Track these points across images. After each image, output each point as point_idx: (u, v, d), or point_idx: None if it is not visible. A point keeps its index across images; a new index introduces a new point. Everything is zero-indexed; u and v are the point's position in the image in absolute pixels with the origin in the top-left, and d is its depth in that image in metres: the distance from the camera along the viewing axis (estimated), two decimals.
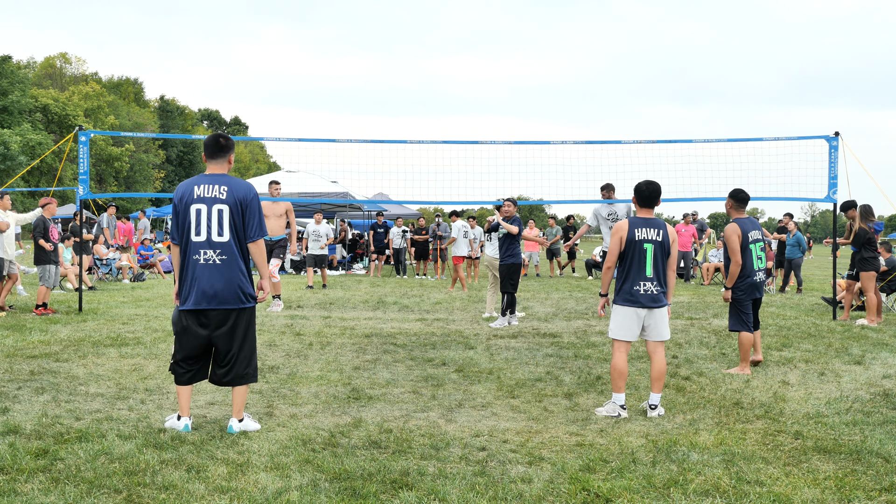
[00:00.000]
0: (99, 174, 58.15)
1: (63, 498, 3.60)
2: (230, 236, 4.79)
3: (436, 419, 5.19)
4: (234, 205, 4.80)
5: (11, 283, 10.93)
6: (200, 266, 4.76)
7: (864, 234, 10.33)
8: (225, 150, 4.95)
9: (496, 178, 12.49)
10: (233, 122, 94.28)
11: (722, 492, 3.83)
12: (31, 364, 6.79)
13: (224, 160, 4.95)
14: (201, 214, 4.77)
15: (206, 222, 4.76)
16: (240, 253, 4.84)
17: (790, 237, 16.09)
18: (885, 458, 4.39)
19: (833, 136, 10.82)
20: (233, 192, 4.81)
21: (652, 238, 5.39)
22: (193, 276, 4.79)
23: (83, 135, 10.93)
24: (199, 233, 4.77)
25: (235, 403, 4.86)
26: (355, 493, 3.74)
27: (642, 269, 5.36)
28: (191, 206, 4.79)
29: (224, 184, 4.83)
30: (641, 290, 5.36)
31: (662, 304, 5.42)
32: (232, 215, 4.80)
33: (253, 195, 4.88)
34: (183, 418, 4.86)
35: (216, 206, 4.77)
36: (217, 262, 4.76)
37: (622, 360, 5.43)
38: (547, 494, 3.78)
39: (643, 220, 5.46)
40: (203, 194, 4.79)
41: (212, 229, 4.76)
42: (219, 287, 4.76)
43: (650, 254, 5.36)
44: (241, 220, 4.83)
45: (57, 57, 68.17)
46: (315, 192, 21.23)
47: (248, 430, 4.79)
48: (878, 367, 7.20)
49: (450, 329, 9.60)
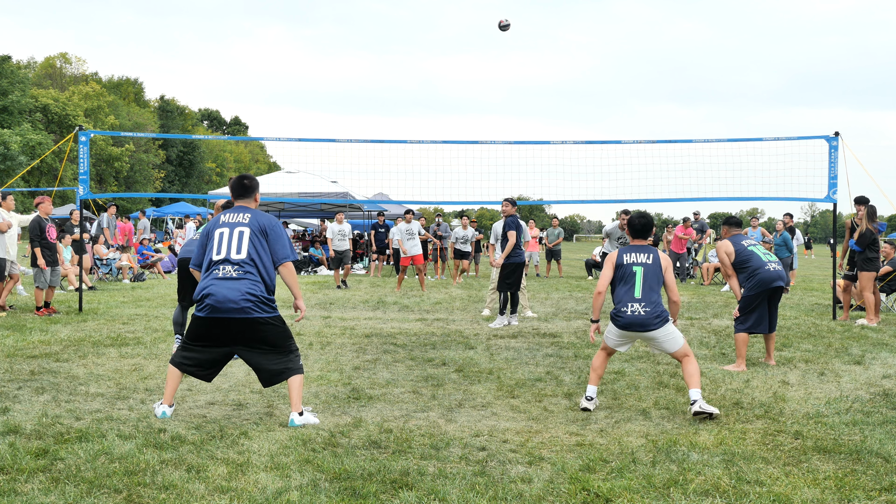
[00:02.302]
0: (99, 174, 58.15)
1: (63, 498, 3.60)
2: (248, 255, 4.94)
3: (436, 419, 5.19)
4: (257, 228, 4.98)
5: (13, 283, 10.93)
6: (218, 280, 4.90)
7: (871, 235, 10.34)
8: (250, 191, 5.22)
9: (496, 178, 12.54)
10: (233, 122, 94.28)
11: (722, 492, 3.83)
12: (31, 364, 6.79)
13: (250, 199, 5.22)
14: (223, 237, 5.00)
15: (227, 243, 4.96)
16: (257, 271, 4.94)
17: (777, 237, 16.17)
18: (884, 458, 4.39)
19: (833, 136, 10.82)
20: (256, 219, 5.02)
21: (641, 261, 5.44)
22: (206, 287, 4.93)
23: (83, 135, 10.93)
24: (220, 252, 4.97)
25: (291, 397, 4.98)
26: (355, 493, 3.74)
27: (631, 291, 5.39)
28: (215, 231, 5.05)
29: (247, 212, 5.08)
30: (629, 311, 5.35)
31: (652, 327, 5.35)
32: (253, 236, 4.96)
33: (276, 222, 5.08)
34: (163, 405, 5.04)
35: (238, 229, 4.98)
36: (233, 276, 4.89)
37: (599, 356, 5.60)
38: (547, 494, 3.78)
39: (634, 247, 5.57)
40: (228, 220, 5.05)
41: (231, 248, 4.95)
42: (232, 296, 4.84)
43: (639, 276, 5.40)
44: (263, 243, 4.98)
45: (57, 57, 68.18)
46: (315, 192, 21.23)
47: (308, 423, 4.91)
48: (878, 367, 7.21)
49: (450, 329, 9.60)
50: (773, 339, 7.43)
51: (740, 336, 7.19)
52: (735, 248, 7.37)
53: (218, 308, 4.82)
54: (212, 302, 4.84)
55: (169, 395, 5.07)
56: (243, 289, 4.84)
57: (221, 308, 4.82)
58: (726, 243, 7.43)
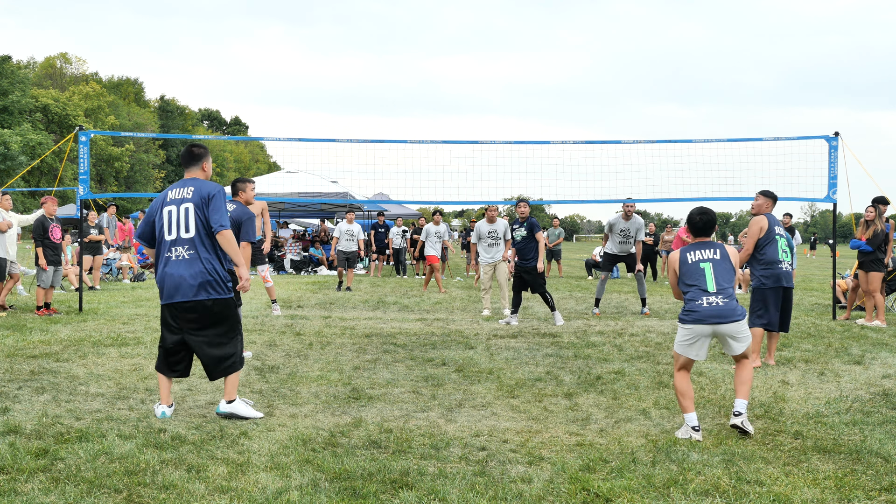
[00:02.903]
0: (99, 174, 58.16)
1: (63, 498, 3.60)
2: (196, 232, 4.95)
3: (436, 419, 5.19)
4: (198, 201, 4.96)
5: (13, 282, 10.93)
6: (171, 262, 4.97)
7: (883, 236, 10.34)
8: (197, 159, 5.17)
9: (496, 178, 12.53)
10: (233, 122, 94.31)
11: (722, 492, 3.83)
12: (31, 364, 6.79)
13: (198, 168, 5.19)
14: (171, 215, 5.00)
15: (175, 221, 4.97)
16: (205, 248, 4.96)
17: None
18: (884, 458, 4.39)
19: (833, 136, 10.82)
20: (198, 191, 5.00)
21: (709, 257, 5.08)
22: (163, 273, 5.01)
23: (83, 135, 10.93)
24: (171, 232, 4.99)
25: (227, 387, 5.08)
26: (355, 493, 3.74)
27: (703, 286, 4.99)
28: (163, 209, 5.04)
29: (192, 185, 5.04)
30: (705, 304, 4.93)
31: (732, 319, 4.90)
32: (198, 210, 4.95)
33: (217, 191, 5.02)
34: (162, 405, 5.11)
35: (183, 206, 4.98)
36: (185, 257, 4.94)
37: (680, 378, 4.98)
38: (547, 494, 3.78)
39: (697, 245, 5.18)
40: (174, 196, 5.03)
41: (180, 227, 4.96)
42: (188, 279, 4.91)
43: (709, 271, 5.02)
44: (205, 216, 4.97)
45: (57, 57, 68.21)
46: (315, 192, 21.24)
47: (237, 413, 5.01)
48: (878, 367, 7.21)
49: (450, 329, 9.60)
50: (776, 339, 7.41)
51: (757, 331, 7.08)
52: (769, 224, 7.24)
53: (174, 293, 4.93)
54: (173, 288, 4.93)
55: (164, 396, 5.13)
56: (196, 269, 4.91)
57: (179, 292, 4.92)
58: (763, 218, 7.27)
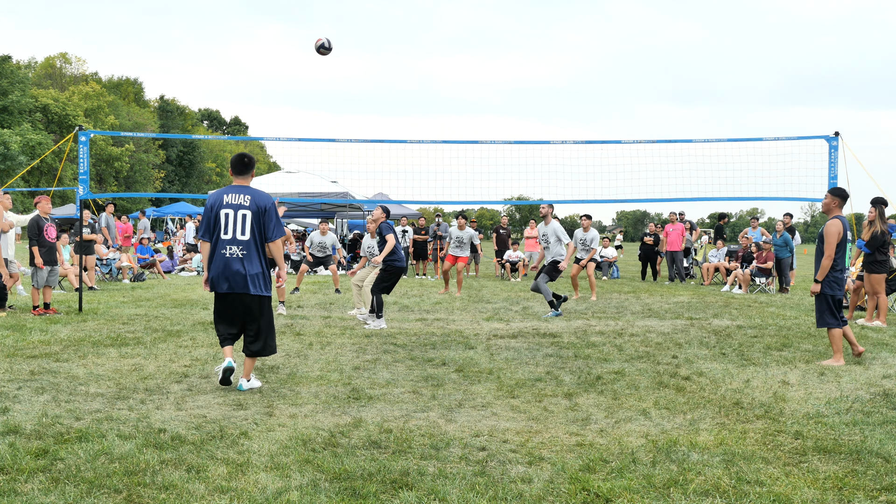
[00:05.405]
0: (99, 174, 58.17)
1: (63, 498, 3.60)
2: (251, 236, 5.84)
3: (436, 419, 5.19)
4: (256, 210, 5.82)
5: (13, 282, 10.93)
6: (226, 259, 5.81)
7: (883, 237, 10.33)
8: (249, 168, 5.98)
9: (496, 178, 12.52)
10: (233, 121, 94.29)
11: (722, 492, 3.83)
12: (31, 364, 6.79)
13: (248, 176, 5.99)
14: (228, 218, 5.82)
15: (232, 224, 5.81)
16: (256, 250, 5.87)
17: (777, 237, 16.25)
18: (885, 458, 4.39)
19: (833, 136, 10.81)
20: (255, 202, 5.84)
21: None
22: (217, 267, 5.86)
23: (83, 135, 10.93)
24: (227, 232, 5.82)
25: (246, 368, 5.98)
26: (355, 493, 3.74)
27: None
28: (221, 211, 5.83)
29: (248, 194, 5.87)
30: None
31: None
32: (254, 218, 5.82)
33: (272, 204, 5.91)
34: (227, 359, 5.90)
35: (241, 212, 5.82)
36: (239, 256, 5.81)
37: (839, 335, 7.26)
38: (547, 494, 3.78)
39: None
40: (231, 201, 5.84)
41: (237, 229, 5.82)
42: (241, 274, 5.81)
43: None
44: (262, 223, 5.87)
45: (57, 57, 68.21)
46: (315, 192, 21.24)
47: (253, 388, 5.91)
48: (878, 367, 7.21)
49: (450, 329, 9.60)
50: (849, 330, 7.65)
51: (836, 332, 7.40)
52: (843, 231, 7.43)
53: (231, 285, 5.80)
54: (225, 280, 5.80)
55: (227, 354, 5.97)
56: (246, 267, 5.80)
57: (234, 285, 5.79)
58: (838, 222, 7.44)
